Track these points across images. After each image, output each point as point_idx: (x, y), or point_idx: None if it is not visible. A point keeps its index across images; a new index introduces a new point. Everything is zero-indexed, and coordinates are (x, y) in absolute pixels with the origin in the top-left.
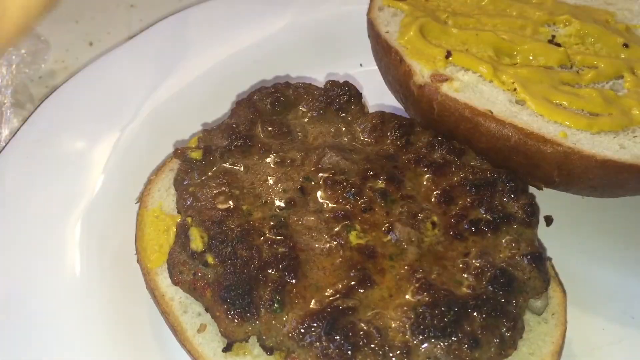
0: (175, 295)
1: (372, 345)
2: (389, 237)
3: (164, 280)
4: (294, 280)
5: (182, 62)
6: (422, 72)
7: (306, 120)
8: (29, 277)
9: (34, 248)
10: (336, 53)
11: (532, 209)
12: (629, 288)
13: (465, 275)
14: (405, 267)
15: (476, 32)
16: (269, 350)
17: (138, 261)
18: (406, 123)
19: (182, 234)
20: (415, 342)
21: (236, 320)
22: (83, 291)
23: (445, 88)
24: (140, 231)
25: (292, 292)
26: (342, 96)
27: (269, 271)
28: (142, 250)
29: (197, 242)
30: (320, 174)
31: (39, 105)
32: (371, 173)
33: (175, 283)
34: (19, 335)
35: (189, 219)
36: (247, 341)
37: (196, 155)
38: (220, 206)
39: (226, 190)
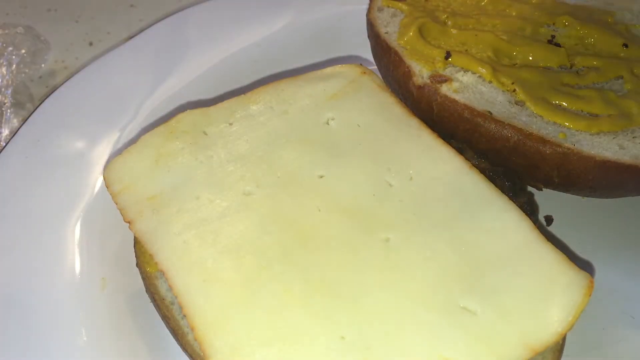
0: (175, 299)
1: None
2: None
3: (163, 284)
4: None
5: (182, 62)
6: (421, 72)
7: None
8: (29, 277)
9: (34, 248)
10: (336, 53)
11: (530, 207)
12: (629, 288)
13: None
14: None
15: (475, 33)
16: None
17: (137, 265)
18: None
19: None
20: None
21: None
22: (83, 291)
23: (444, 89)
24: None
25: None
26: None
27: None
28: (141, 255)
29: None
30: None
31: (39, 105)
32: None
33: None
34: (19, 335)
35: None
36: None
37: None
38: None
39: None
